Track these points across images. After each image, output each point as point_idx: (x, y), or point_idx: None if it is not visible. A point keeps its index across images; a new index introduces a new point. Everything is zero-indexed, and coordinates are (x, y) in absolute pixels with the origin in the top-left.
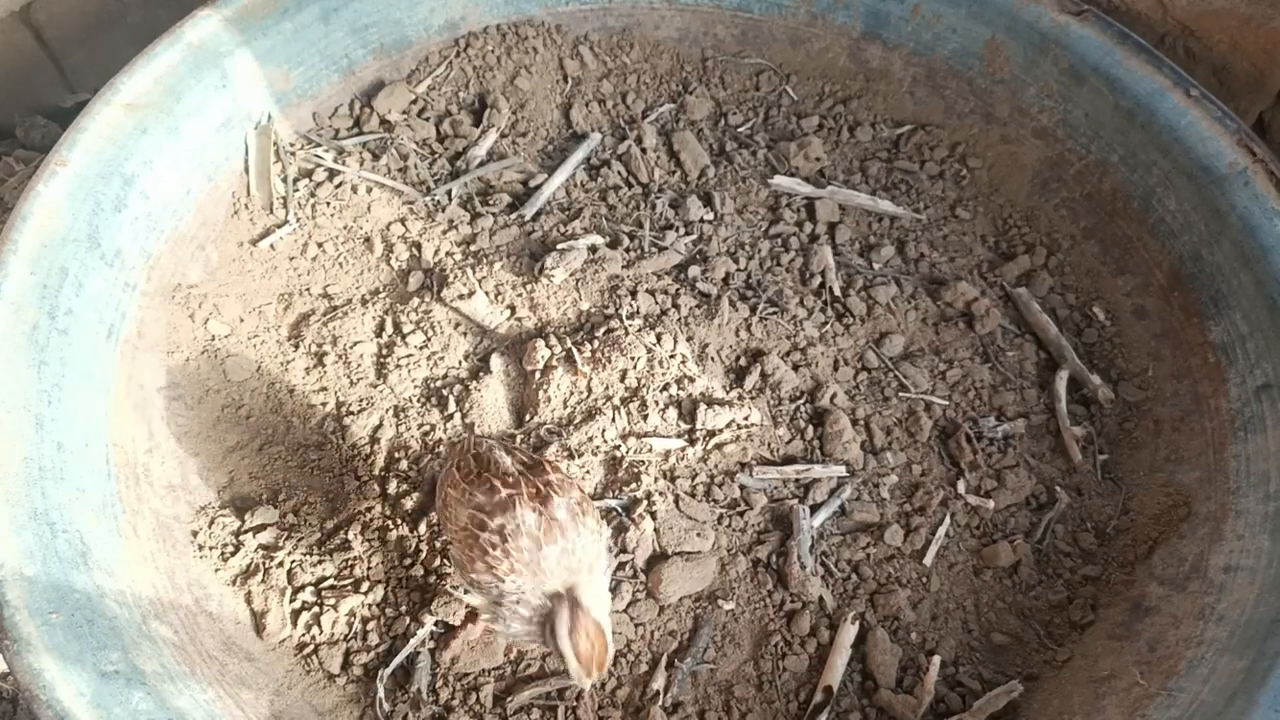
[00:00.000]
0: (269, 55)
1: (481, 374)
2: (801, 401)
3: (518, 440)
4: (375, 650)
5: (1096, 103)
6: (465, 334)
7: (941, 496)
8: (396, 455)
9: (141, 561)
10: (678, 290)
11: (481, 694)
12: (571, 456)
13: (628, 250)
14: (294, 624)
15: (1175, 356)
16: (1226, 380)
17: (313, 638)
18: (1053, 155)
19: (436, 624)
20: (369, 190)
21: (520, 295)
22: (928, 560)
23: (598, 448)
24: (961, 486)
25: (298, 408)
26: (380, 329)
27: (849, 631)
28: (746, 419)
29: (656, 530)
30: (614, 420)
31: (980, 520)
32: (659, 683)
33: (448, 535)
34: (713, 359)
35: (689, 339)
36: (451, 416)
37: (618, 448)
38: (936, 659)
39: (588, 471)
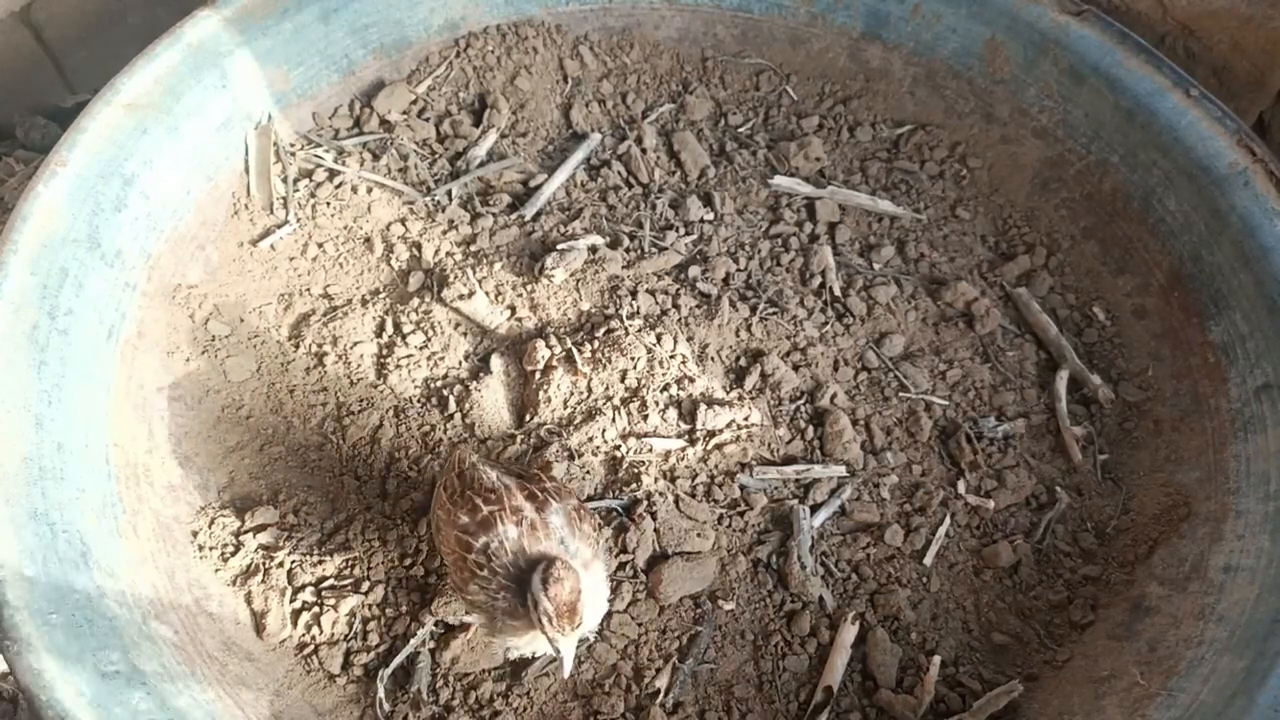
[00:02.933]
0: (269, 55)
1: (481, 374)
2: (801, 401)
3: (517, 440)
4: (375, 650)
5: (1096, 103)
6: (465, 334)
7: (941, 496)
8: (396, 455)
9: (141, 562)
10: (678, 290)
11: (481, 694)
12: (572, 457)
13: (628, 250)
14: (294, 624)
15: (1175, 356)
16: (1226, 380)
17: (313, 638)
18: (1053, 155)
19: (436, 624)
20: (369, 190)
21: (520, 295)
22: (928, 560)
23: (598, 448)
24: (961, 486)
25: (298, 408)
26: (380, 329)
27: (849, 631)
28: (746, 419)
29: (657, 530)
30: (614, 420)
31: (980, 520)
32: (659, 682)
33: (442, 557)
34: (713, 359)
35: (689, 339)
36: (451, 416)
37: (618, 448)
38: (936, 659)
39: (588, 472)
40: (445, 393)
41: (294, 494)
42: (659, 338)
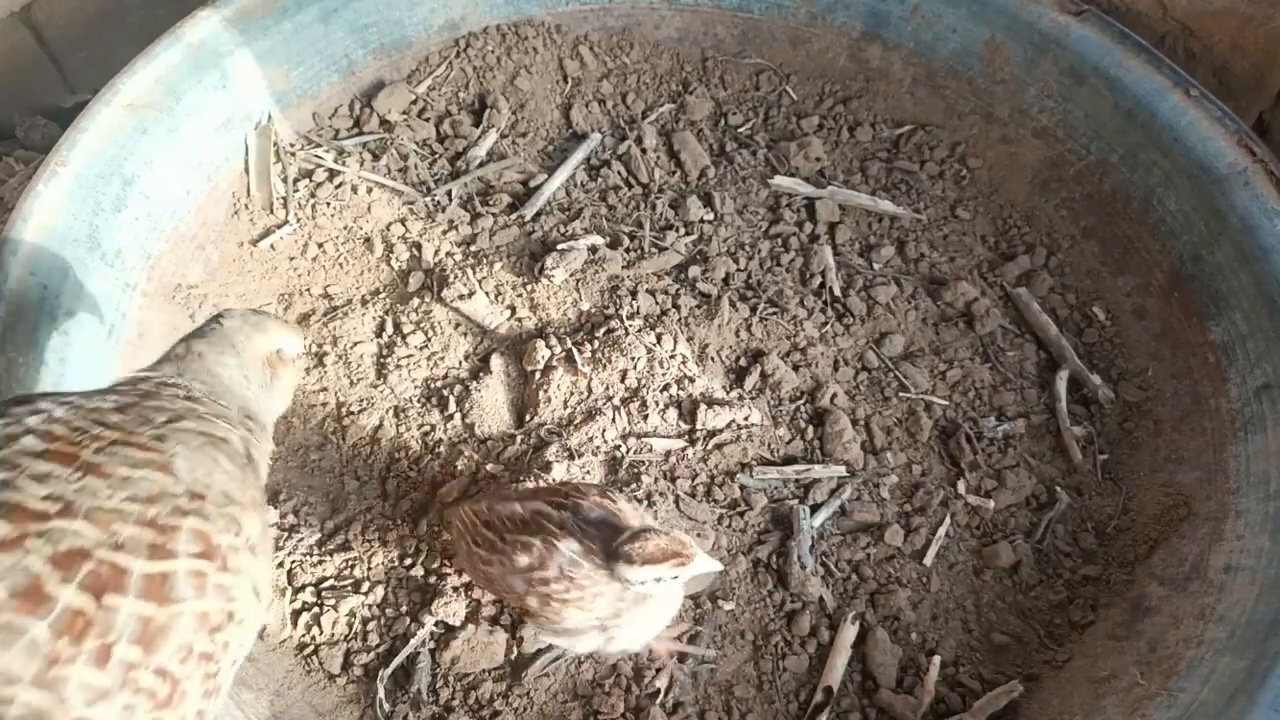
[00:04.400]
0: (269, 55)
1: (481, 374)
2: (801, 401)
3: (517, 440)
4: (375, 650)
5: (1096, 103)
6: (465, 334)
7: (941, 496)
8: (397, 455)
9: None
10: (678, 290)
11: (481, 694)
12: (572, 457)
13: (628, 250)
14: (294, 624)
15: (1175, 356)
16: (1226, 380)
17: (313, 638)
18: (1053, 155)
19: (436, 624)
20: (369, 190)
21: (520, 295)
22: (928, 560)
23: (598, 448)
24: (961, 486)
25: (298, 408)
26: (380, 329)
27: (849, 631)
28: (746, 419)
29: None
30: (614, 420)
31: (980, 520)
32: (659, 682)
33: (515, 604)
34: (713, 359)
35: (689, 339)
36: (451, 416)
37: (618, 448)
38: (936, 659)
39: (588, 472)
40: (445, 393)
41: (294, 494)
42: (659, 338)
